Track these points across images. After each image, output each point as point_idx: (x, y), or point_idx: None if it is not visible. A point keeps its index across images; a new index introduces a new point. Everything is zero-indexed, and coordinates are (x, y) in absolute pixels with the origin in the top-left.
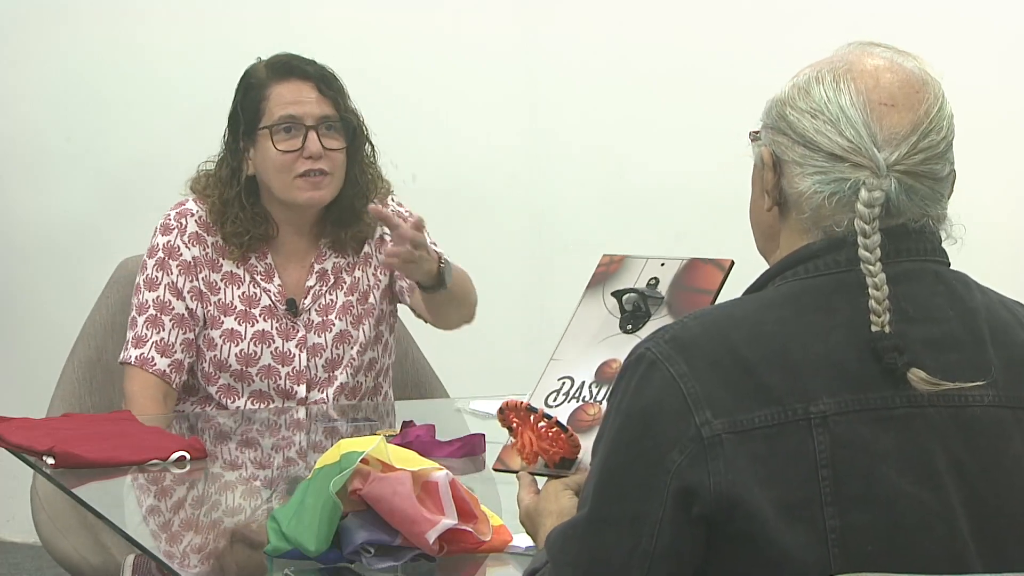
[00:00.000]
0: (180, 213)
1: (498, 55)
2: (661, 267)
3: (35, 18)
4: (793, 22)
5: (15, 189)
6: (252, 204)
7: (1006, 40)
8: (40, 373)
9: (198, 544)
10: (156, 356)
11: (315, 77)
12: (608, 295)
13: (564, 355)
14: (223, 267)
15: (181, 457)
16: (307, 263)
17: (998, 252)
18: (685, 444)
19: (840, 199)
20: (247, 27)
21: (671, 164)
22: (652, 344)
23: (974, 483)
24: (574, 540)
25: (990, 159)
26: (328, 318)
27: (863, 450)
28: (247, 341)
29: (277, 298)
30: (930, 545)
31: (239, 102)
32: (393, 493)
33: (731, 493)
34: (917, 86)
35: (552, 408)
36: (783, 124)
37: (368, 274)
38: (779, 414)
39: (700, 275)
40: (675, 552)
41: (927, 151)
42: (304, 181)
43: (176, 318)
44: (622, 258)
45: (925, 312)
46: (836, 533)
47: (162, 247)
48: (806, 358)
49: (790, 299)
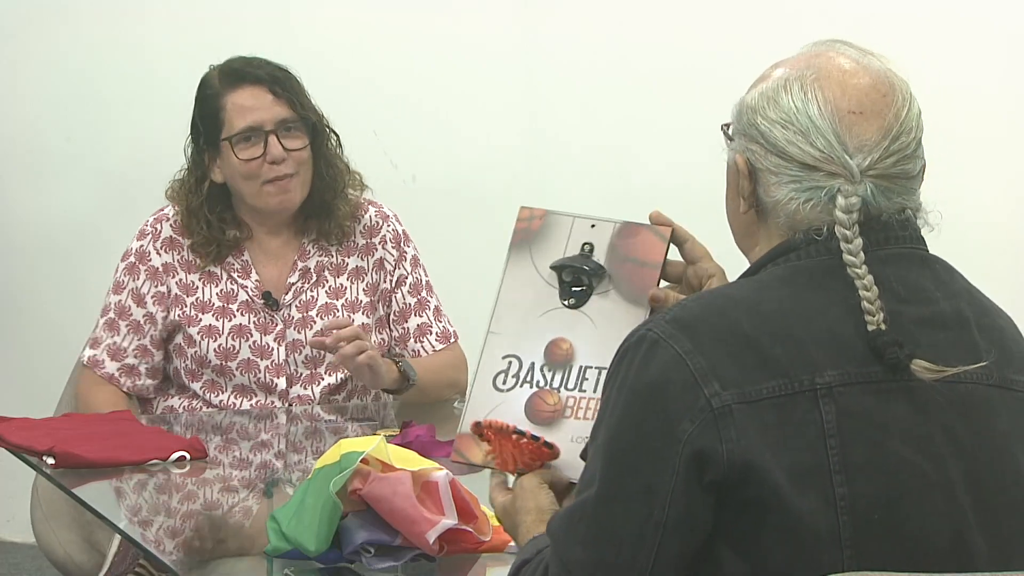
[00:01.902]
0: (157, 219)
1: (498, 55)
2: (592, 228)
3: (35, 18)
4: (793, 22)
5: (15, 189)
6: (220, 212)
7: (1006, 40)
8: (40, 373)
9: (195, 542)
10: (107, 360)
11: (268, 80)
12: (537, 257)
13: (503, 328)
14: (199, 267)
15: (181, 457)
16: (288, 260)
17: (998, 252)
18: (696, 414)
19: (816, 204)
20: (247, 27)
21: (671, 164)
22: (653, 325)
23: (970, 457)
24: (582, 520)
25: (990, 159)
26: (308, 315)
27: (867, 420)
28: (225, 336)
29: (254, 293)
30: (931, 514)
31: (197, 113)
32: (393, 493)
33: (744, 459)
34: (884, 90)
35: (502, 392)
36: (755, 132)
37: (358, 288)
38: (786, 385)
39: (641, 245)
40: (687, 522)
41: (898, 153)
42: (272, 187)
43: (132, 324)
44: (543, 212)
45: (914, 293)
46: (845, 501)
47: (134, 252)
48: (809, 333)
49: (785, 280)
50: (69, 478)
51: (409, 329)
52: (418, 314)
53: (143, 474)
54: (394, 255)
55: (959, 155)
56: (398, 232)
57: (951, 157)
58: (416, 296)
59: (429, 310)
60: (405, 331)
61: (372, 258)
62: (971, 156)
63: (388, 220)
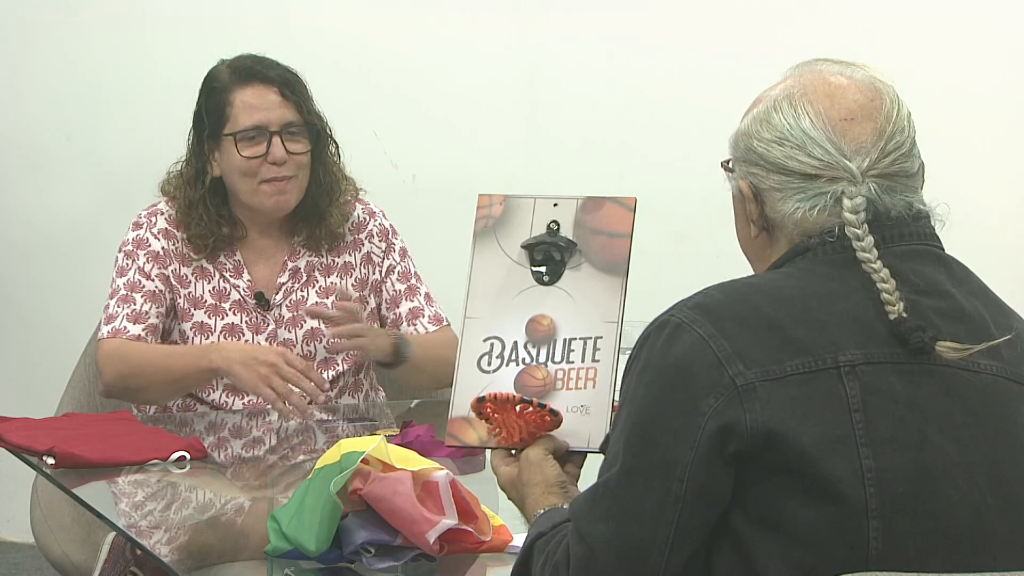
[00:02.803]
0: (151, 212)
1: (498, 55)
2: (555, 207)
3: (35, 18)
4: (793, 22)
5: (15, 189)
6: (217, 206)
7: (1007, 41)
8: (40, 373)
9: (195, 542)
10: (128, 325)
11: (277, 81)
12: (503, 241)
13: (479, 312)
14: (193, 261)
15: (181, 457)
16: (279, 260)
17: (998, 252)
18: (720, 391)
19: (823, 208)
20: (247, 27)
21: (671, 164)
22: (675, 311)
23: (992, 442)
24: (604, 498)
25: (991, 159)
26: (299, 314)
27: (892, 398)
28: (217, 334)
29: (246, 292)
30: (953, 493)
31: (203, 105)
32: (393, 493)
33: (768, 427)
34: (871, 95)
35: (489, 373)
36: (753, 156)
37: (347, 284)
38: (810, 363)
39: (607, 216)
40: (706, 496)
41: (895, 152)
42: (269, 187)
43: (147, 294)
44: (503, 198)
45: (932, 286)
46: (872, 473)
47: (132, 240)
48: (830, 315)
49: (805, 271)
50: (69, 478)
51: (401, 314)
52: (409, 299)
53: (143, 474)
54: (381, 247)
55: (960, 156)
56: (384, 226)
57: (951, 157)
58: (406, 283)
59: (420, 295)
60: (397, 316)
61: (359, 253)
62: (972, 156)
63: (374, 216)
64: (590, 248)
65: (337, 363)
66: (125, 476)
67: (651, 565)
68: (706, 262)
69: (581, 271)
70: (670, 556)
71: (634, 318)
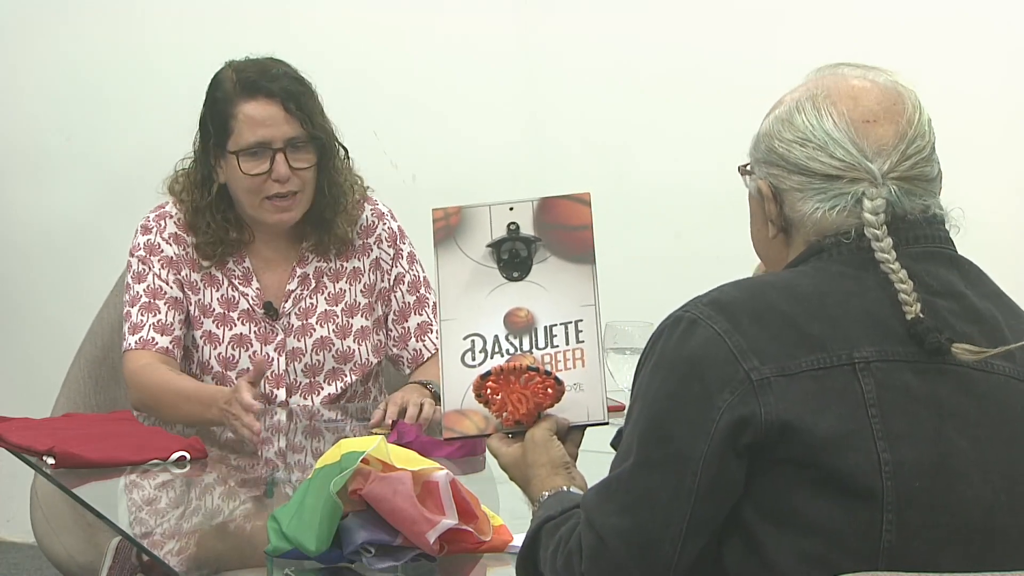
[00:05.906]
0: (159, 215)
1: (497, 55)
2: (511, 211)
3: (35, 18)
4: (793, 23)
5: (15, 189)
6: (224, 211)
7: (1007, 41)
8: (40, 373)
9: (196, 542)
10: (156, 336)
11: (282, 96)
12: (465, 248)
13: (454, 314)
14: (202, 268)
15: (181, 457)
16: (288, 267)
17: (998, 252)
18: (735, 386)
19: (842, 209)
20: (247, 27)
21: (671, 164)
22: (690, 307)
23: (1005, 442)
24: (617, 490)
25: (991, 159)
26: (308, 322)
27: (907, 395)
28: (225, 344)
29: (255, 302)
30: (967, 490)
31: (207, 111)
32: (394, 493)
33: (783, 419)
34: (893, 98)
35: (474, 367)
36: (774, 156)
37: (356, 290)
38: (825, 359)
39: (565, 212)
40: (718, 488)
41: (915, 156)
42: (272, 204)
43: (170, 300)
44: (458, 209)
45: (946, 287)
46: (890, 466)
47: (143, 245)
48: (846, 312)
49: (820, 270)
50: (69, 478)
51: (410, 328)
52: (418, 312)
53: (143, 474)
54: (390, 253)
55: (961, 156)
56: (393, 230)
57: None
58: (415, 294)
59: (428, 307)
60: (405, 330)
61: (368, 258)
62: (972, 156)
63: (383, 218)
64: (553, 242)
65: (345, 373)
66: (125, 476)
67: (664, 557)
68: (706, 262)
69: (549, 263)
70: (683, 548)
71: (635, 318)
